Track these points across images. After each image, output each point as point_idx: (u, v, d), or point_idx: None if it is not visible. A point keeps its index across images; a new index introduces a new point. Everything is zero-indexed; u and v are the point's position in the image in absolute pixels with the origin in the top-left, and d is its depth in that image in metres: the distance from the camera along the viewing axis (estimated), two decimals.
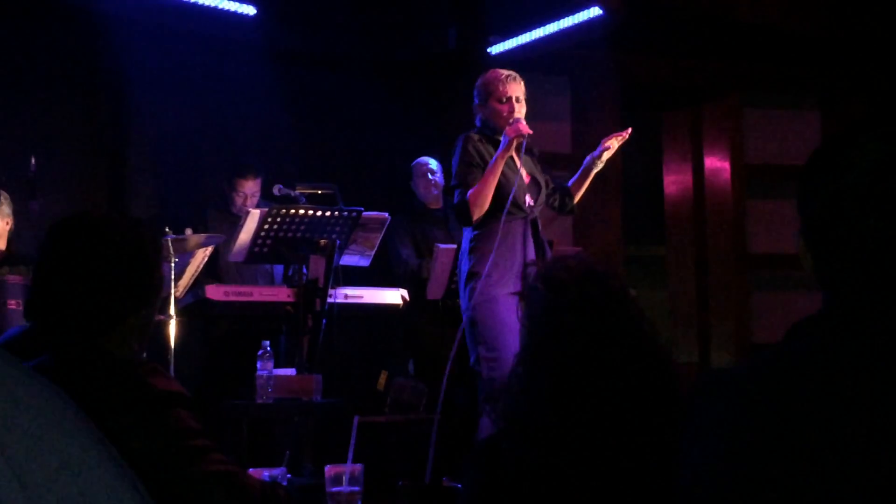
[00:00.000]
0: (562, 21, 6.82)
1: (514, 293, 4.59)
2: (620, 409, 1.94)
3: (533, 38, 6.98)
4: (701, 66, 8.26)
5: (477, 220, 4.70)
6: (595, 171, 4.99)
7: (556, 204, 5.10)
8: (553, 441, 1.94)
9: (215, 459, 1.85)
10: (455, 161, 4.84)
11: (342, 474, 2.44)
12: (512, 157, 4.75)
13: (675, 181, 8.79)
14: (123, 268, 2.01)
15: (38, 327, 2.02)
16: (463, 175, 4.75)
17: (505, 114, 4.76)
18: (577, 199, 5.08)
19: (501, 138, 4.73)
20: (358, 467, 2.49)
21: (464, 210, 4.70)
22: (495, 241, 4.64)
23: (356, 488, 2.45)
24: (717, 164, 8.46)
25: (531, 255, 4.71)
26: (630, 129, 4.97)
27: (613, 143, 4.92)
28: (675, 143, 8.80)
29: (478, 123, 4.91)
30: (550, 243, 5.94)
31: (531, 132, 4.70)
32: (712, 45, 7.93)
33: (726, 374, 1.41)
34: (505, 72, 4.86)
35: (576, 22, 6.79)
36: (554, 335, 1.99)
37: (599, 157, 4.93)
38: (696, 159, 8.59)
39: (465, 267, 4.79)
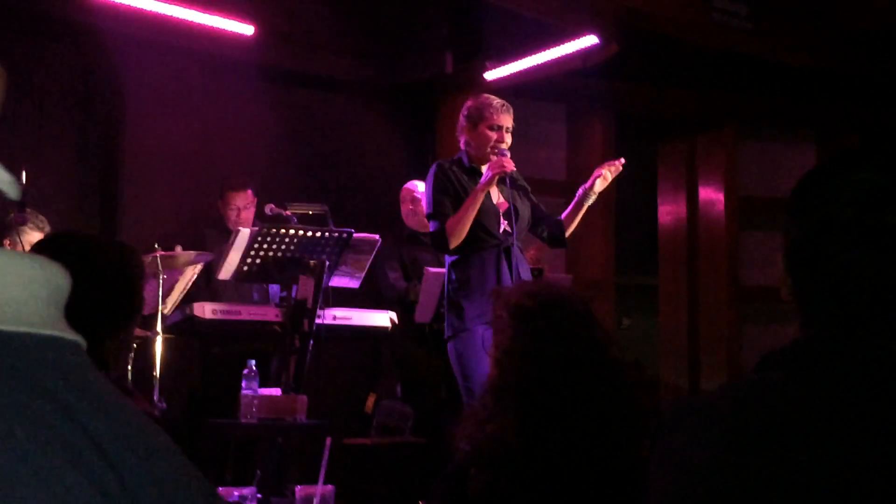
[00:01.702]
0: (557, 49, 6.85)
1: (485, 323, 4.58)
2: (587, 434, 1.93)
3: (529, 64, 7.01)
4: (697, 98, 8.28)
5: (454, 247, 4.73)
6: (588, 203, 4.91)
7: (546, 236, 5.05)
8: (520, 466, 1.93)
9: None
10: (428, 189, 4.87)
11: (312, 496, 2.43)
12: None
13: (669, 211, 8.80)
14: (104, 292, 1.99)
15: None
16: (437, 203, 4.78)
17: (493, 142, 4.77)
18: (568, 232, 5.01)
19: (485, 169, 4.75)
20: (329, 489, 2.48)
21: (441, 239, 4.74)
22: (469, 272, 4.71)
23: None
24: (711, 195, 8.47)
25: (506, 283, 4.65)
26: (623, 160, 4.92)
27: (607, 174, 4.85)
28: (669, 173, 8.82)
29: (461, 145, 4.91)
30: (541, 271, 5.95)
31: (514, 169, 4.71)
32: (709, 76, 7.96)
33: (698, 402, 1.39)
34: (499, 100, 4.86)
35: (571, 50, 6.81)
36: (520, 362, 1.98)
37: (591, 188, 4.87)
38: (691, 190, 8.60)
39: (446, 294, 4.85)
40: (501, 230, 4.77)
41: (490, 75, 7.13)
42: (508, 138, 4.80)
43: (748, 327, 8.23)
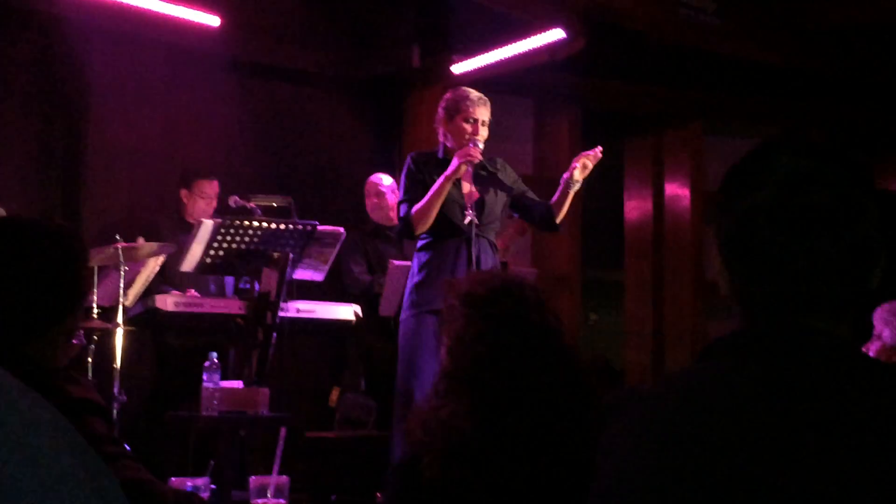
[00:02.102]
0: (524, 42, 6.85)
1: (432, 310, 4.62)
2: (540, 420, 1.93)
3: (496, 58, 7.00)
4: (664, 94, 8.31)
5: (419, 234, 4.84)
6: (573, 190, 4.92)
7: (537, 220, 5.12)
8: (473, 453, 1.92)
9: (125, 466, 1.82)
10: (402, 178, 4.96)
11: (267, 486, 2.41)
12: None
13: (635, 206, 8.82)
14: (49, 275, 1.96)
15: None
16: (407, 191, 4.89)
17: (468, 134, 4.82)
18: (559, 217, 5.01)
19: (453, 159, 4.78)
20: (283, 479, 2.46)
21: (407, 224, 4.84)
22: (427, 260, 4.82)
23: (281, 500, 2.42)
24: (677, 190, 8.50)
25: (461, 273, 4.72)
26: (601, 148, 4.94)
27: (586, 162, 4.87)
28: (636, 168, 8.84)
29: (440, 136, 4.95)
30: (505, 265, 5.94)
31: (480, 158, 4.77)
32: (676, 72, 7.98)
33: (637, 393, 1.40)
34: (476, 93, 4.93)
35: (538, 44, 6.81)
36: (472, 348, 1.98)
37: (572, 177, 4.89)
38: (657, 185, 8.63)
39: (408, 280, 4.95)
40: (467, 220, 4.80)
41: (457, 69, 7.11)
42: (484, 131, 4.87)
43: (713, 321, 8.26)
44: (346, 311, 5.73)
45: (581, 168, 4.85)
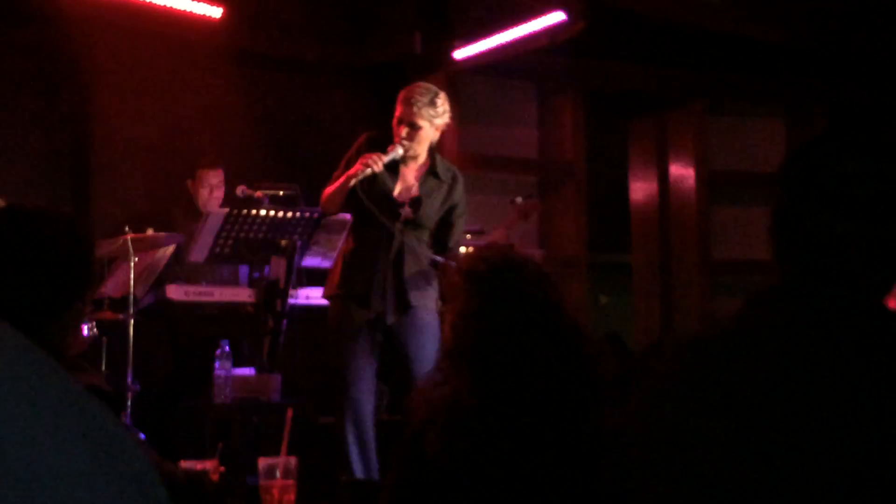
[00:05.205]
0: (524, 26, 6.86)
1: (353, 295, 4.73)
2: (541, 394, 1.96)
3: (496, 42, 7.02)
4: (666, 74, 8.32)
5: (326, 215, 4.98)
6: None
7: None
8: (476, 428, 1.96)
9: None
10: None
11: (275, 467, 2.46)
12: (395, 171, 4.81)
13: (640, 188, 8.84)
14: (56, 260, 1.99)
15: None
16: (338, 167, 4.92)
17: (396, 136, 4.81)
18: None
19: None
20: (292, 460, 2.51)
21: (320, 201, 4.92)
22: (351, 245, 4.87)
23: (290, 481, 2.47)
24: (682, 171, 8.51)
25: (378, 265, 4.72)
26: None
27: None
28: (640, 149, 8.86)
29: None
30: (511, 247, 5.96)
31: (369, 170, 4.67)
32: (678, 52, 7.99)
33: (682, 340, 1.50)
34: (408, 92, 4.89)
35: (538, 27, 6.83)
36: (474, 324, 2.02)
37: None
38: (662, 166, 8.64)
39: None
40: (402, 217, 4.78)
41: (459, 54, 7.14)
42: (408, 133, 4.79)
43: (720, 301, 8.29)
44: None
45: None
